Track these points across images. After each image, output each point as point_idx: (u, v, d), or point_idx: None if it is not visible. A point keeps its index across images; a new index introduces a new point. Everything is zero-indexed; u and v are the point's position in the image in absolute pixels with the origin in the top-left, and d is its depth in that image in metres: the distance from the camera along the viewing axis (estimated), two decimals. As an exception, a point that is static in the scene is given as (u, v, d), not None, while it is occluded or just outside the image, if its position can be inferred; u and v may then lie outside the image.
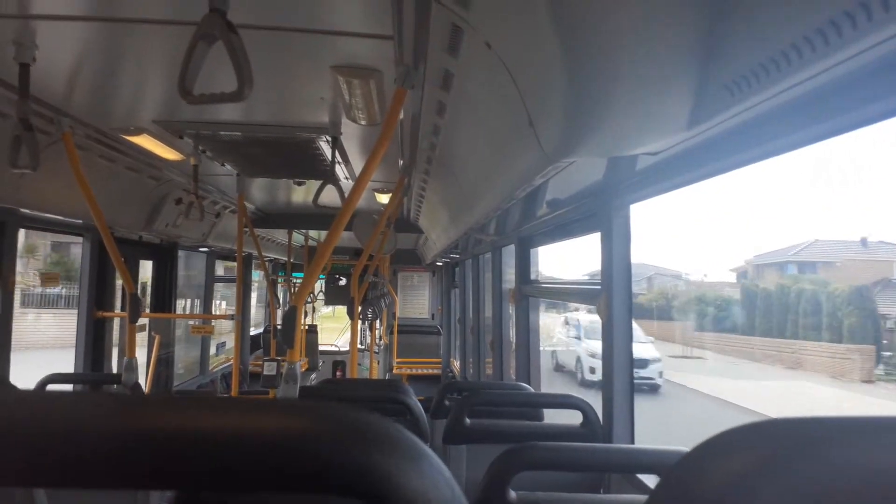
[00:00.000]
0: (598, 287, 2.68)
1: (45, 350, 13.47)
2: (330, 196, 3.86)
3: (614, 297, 2.56)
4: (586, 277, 3.76)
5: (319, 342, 11.02)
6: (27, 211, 4.10)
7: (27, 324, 16.92)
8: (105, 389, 5.04)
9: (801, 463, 0.46)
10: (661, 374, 11.04)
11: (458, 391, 3.72)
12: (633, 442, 2.56)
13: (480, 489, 1.55)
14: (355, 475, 0.46)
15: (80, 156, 3.45)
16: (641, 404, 2.66)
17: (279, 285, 10.95)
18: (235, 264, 7.10)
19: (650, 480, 2.28)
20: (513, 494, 1.54)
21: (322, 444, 0.46)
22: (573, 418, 2.63)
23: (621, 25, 1.35)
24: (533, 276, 4.38)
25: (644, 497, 1.92)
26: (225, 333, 9.78)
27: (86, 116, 3.45)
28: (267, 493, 0.47)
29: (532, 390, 3.60)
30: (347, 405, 0.51)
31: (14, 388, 3.01)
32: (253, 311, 11.26)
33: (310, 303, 11.09)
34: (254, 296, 11.43)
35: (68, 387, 5.09)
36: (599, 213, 2.66)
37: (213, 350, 8.91)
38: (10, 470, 0.46)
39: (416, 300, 12.08)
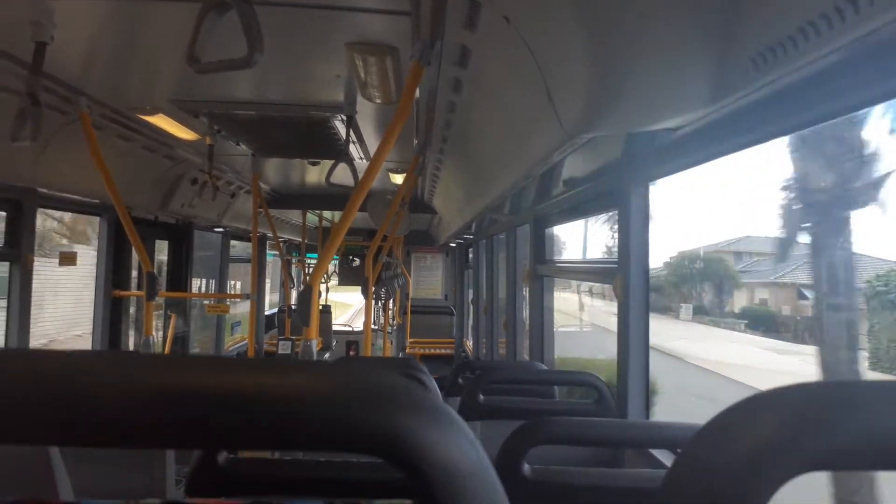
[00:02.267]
0: (615, 266, 2.68)
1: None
2: (344, 176, 3.86)
3: (631, 275, 2.55)
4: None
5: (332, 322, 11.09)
6: (44, 190, 4.13)
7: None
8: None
9: (828, 426, 0.46)
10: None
11: (471, 370, 3.73)
12: (647, 417, 2.56)
13: (495, 464, 1.55)
14: (385, 438, 0.46)
15: (97, 135, 3.47)
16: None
17: (293, 265, 11.00)
18: (250, 244, 7.13)
19: (665, 456, 2.29)
20: (527, 469, 1.55)
21: (343, 402, 0.47)
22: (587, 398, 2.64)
23: None
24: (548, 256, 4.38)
25: (660, 472, 1.93)
26: (239, 314, 9.85)
27: (103, 96, 3.47)
28: (301, 450, 0.47)
29: (546, 368, 3.61)
30: (383, 370, 0.51)
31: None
32: (268, 292, 11.33)
33: (323, 283, 11.15)
34: (268, 280, 11.51)
35: None
36: (617, 190, 2.64)
37: (228, 330, 8.98)
38: (30, 428, 0.47)
39: (430, 281, 12.10)
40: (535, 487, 1.58)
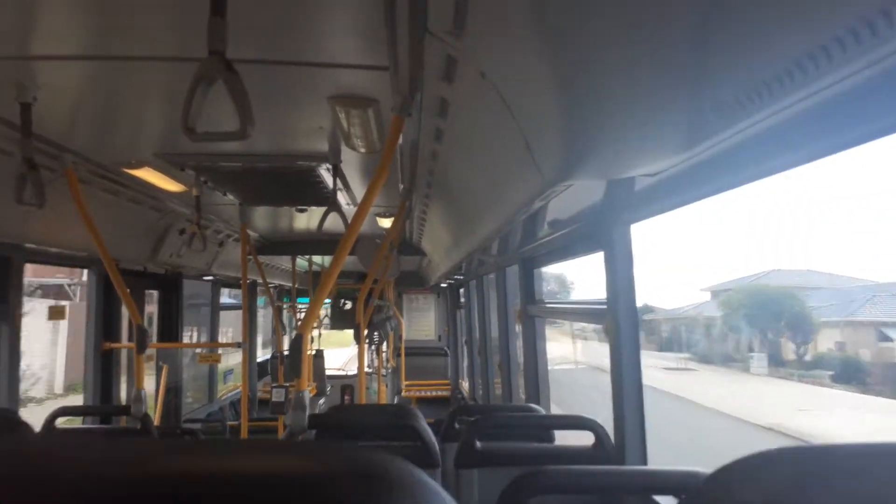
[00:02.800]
0: (604, 307, 2.68)
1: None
2: (332, 222, 3.88)
3: (620, 315, 2.55)
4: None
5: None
6: (32, 245, 4.13)
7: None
8: (114, 421, 5.04)
9: (819, 492, 0.46)
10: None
11: (468, 414, 3.70)
12: (646, 462, 2.53)
13: None
14: None
15: (83, 190, 3.48)
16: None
17: (284, 311, 10.95)
18: (240, 292, 7.12)
19: (665, 501, 2.26)
20: None
21: (338, 485, 0.47)
22: (586, 440, 2.61)
23: (613, 51, 1.36)
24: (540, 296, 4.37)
25: None
26: (232, 363, 9.77)
27: (88, 152, 3.49)
28: None
29: (543, 411, 3.58)
30: (361, 445, 0.51)
31: (27, 426, 3.00)
32: (260, 338, 11.26)
33: (315, 328, 11.09)
34: (260, 321, 11.44)
35: (78, 420, 5.09)
36: (600, 233, 2.66)
37: (221, 379, 8.89)
38: None
39: (422, 322, 12.05)
40: None
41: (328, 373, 11.09)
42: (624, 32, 1.30)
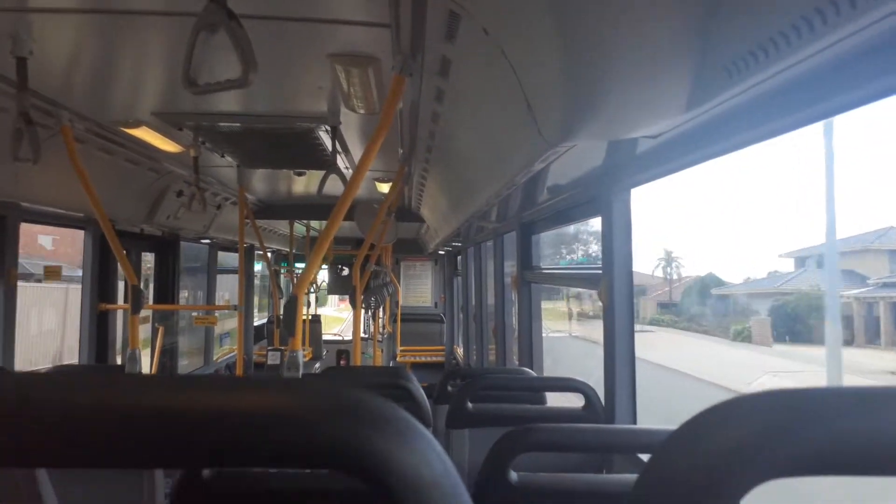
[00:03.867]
0: (600, 272, 2.69)
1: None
2: (331, 186, 3.86)
3: (615, 281, 2.57)
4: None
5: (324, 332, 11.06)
6: (28, 205, 4.11)
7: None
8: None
9: (794, 434, 0.46)
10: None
11: (461, 377, 3.73)
12: (635, 423, 2.57)
13: (481, 472, 1.56)
14: (346, 452, 0.47)
15: (79, 149, 3.45)
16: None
17: (282, 276, 10.97)
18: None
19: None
20: (514, 476, 1.56)
21: (312, 420, 0.47)
22: (577, 403, 2.64)
23: (618, 7, 1.35)
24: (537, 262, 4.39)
25: None
26: (229, 327, 9.81)
27: (84, 109, 3.45)
28: (262, 467, 0.47)
29: (534, 374, 3.61)
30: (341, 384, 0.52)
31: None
32: (257, 301, 11.30)
33: (313, 293, 11.11)
34: (260, 284, 11.47)
35: None
36: (600, 197, 2.66)
37: (217, 342, 8.94)
38: (10, 451, 0.47)
39: (419, 289, 12.10)
40: (522, 494, 1.58)
41: (325, 338, 11.19)
42: None
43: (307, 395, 0.49)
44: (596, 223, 2.75)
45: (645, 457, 2.29)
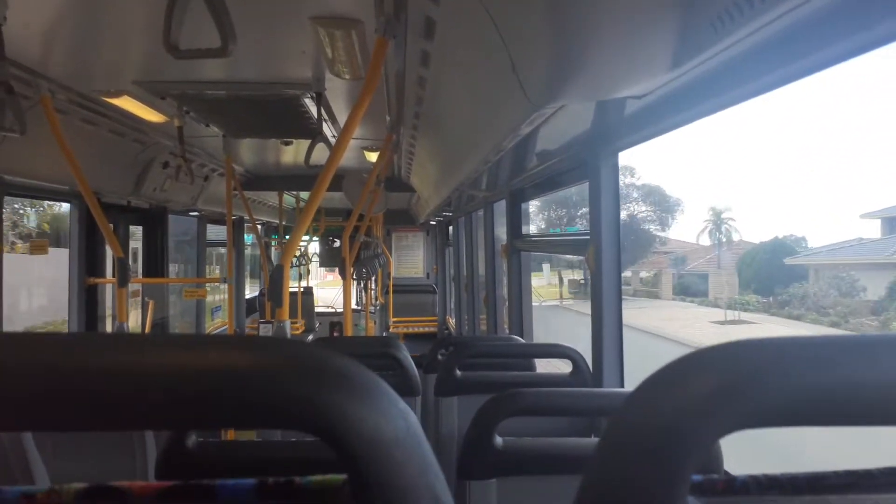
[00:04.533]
0: (587, 238, 2.68)
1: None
2: (319, 156, 3.81)
3: (603, 246, 2.56)
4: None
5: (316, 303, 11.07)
6: (11, 178, 4.05)
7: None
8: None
9: (757, 384, 0.45)
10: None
11: (451, 345, 3.74)
12: (622, 387, 2.58)
13: (466, 437, 1.56)
14: (304, 409, 0.46)
15: (61, 120, 3.39)
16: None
17: (273, 248, 10.94)
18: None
19: None
20: (499, 440, 1.56)
21: (269, 377, 0.46)
22: (566, 370, 2.65)
23: None
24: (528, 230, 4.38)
25: None
26: (219, 300, 9.80)
27: (64, 79, 3.38)
28: (220, 427, 0.46)
29: (523, 342, 3.62)
30: (306, 342, 0.50)
31: None
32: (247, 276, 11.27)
33: (304, 265, 11.09)
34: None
35: None
36: (587, 162, 2.64)
37: (209, 315, 8.93)
38: None
39: (411, 260, 12.09)
40: (507, 458, 1.59)
41: (318, 310, 11.20)
42: None
43: (265, 352, 0.47)
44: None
45: None
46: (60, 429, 0.48)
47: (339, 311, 11.62)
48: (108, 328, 5.86)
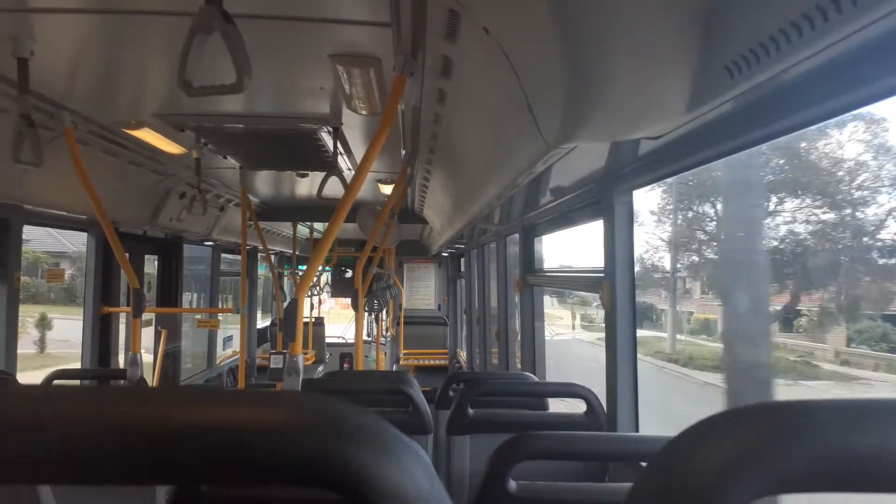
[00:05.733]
0: (602, 275, 2.67)
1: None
2: (334, 188, 3.85)
3: (618, 284, 2.55)
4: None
5: (327, 334, 11.04)
6: (31, 207, 4.11)
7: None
8: (111, 384, 5.07)
9: (786, 449, 0.45)
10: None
11: (463, 381, 3.71)
12: (637, 430, 2.54)
13: (481, 480, 1.54)
14: (326, 467, 0.45)
15: (82, 150, 3.45)
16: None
17: (285, 278, 10.97)
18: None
19: None
20: (513, 485, 1.54)
21: (291, 435, 0.46)
22: (580, 408, 2.62)
23: (619, 8, 1.33)
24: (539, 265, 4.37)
25: None
26: (232, 330, 9.81)
27: (86, 111, 3.45)
28: (241, 483, 0.46)
29: (536, 379, 3.59)
30: (331, 397, 0.50)
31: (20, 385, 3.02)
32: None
33: (316, 295, 11.10)
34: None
35: (75, 382, 5.12)
36: (602, 199, 2.64)
37: (220, 345, 8.93)
38: (10, 466, 0.46)
39: (423, 291, 12.08)
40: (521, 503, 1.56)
41: (328, 341, 11.18)
42: None
43: (287, 408, 0.47)
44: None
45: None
46: (76, 483, 0.48)
47: (349, 341, 11.59)
48: (122, 358, 5.88)
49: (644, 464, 2.26)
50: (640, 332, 2.58)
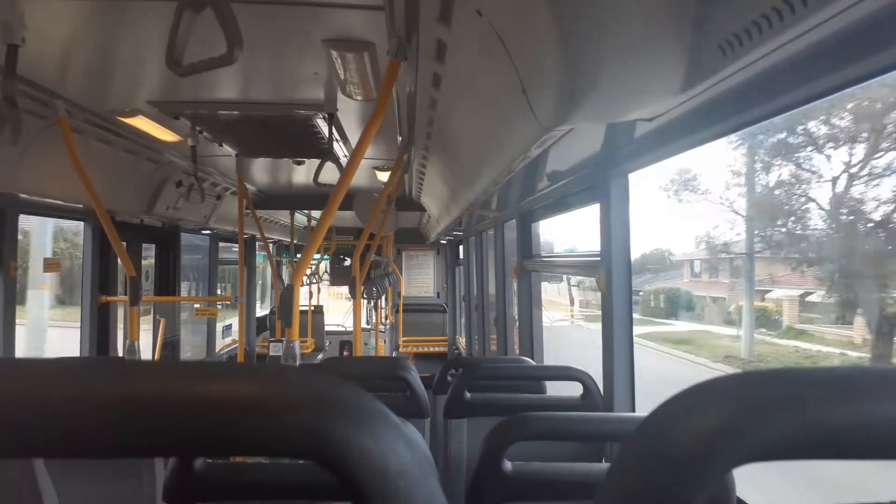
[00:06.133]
0: (598, 259, 2.67)
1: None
2: (331, 176, 3.84)
3: (614, 268, 2.55)
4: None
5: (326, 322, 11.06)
6: (26, 196, 4.10)
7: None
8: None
9: (768, 417, 0.45)
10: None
11: (460, 366, 3.72)
12: (633, 411, 2.55)
13: (476, 461, 1.55)
14: (309, 440, 0.46)
15: (76, 139, 3.43)
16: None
17: (284, 266, 10.97)
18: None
19: None
20: (508, 465, 1.54)
21: (275, 408, 0.46)
22: (577, 391, 2.63)
23: None
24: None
25: None
26: (231, 319, 9.82)
27: (80, 98, 3.43)
28: (227, 455, 0.46)
29: (534, 363, 3.60)
30: (313, 370, 0.50)
31: None
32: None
33: (314, 283, 11.11)
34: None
35: None
36: (598, 183, 2.64)
37: (219, 333, 8.95)
38: (7, 440, 0.46)
39: (421, 279, 12.08)
40: (516, 483, 1.57)
41: (327, 328, 11.20)
42: None
43: (272, 382, 0.47)
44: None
45: None
46: (72, 456, 0.48)
47: (348, 329, 11.62)
48: (120, 346, 5.88)
49: None
50: (686, 327, 2.57)
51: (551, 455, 2.29)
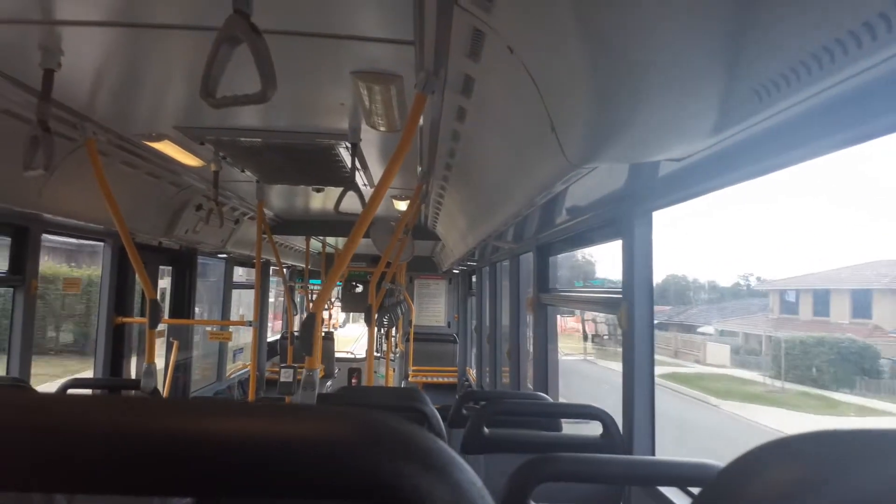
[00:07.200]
0: (619, 296, 2.65)
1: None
2: (348, 203, 3.87)
3: (636, 305, 2.53)
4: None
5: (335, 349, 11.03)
6: (50, 216, 4.15)
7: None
8: (123, 394, 5.07)
9: (842, 480, 0.44)
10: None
11: (476, 400, 3.69)
12: (653, 453, 2.52)
13: (500, 500, 1.52)
14: (380, 483, 0.44)
15: (102, 161, 3.48)
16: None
17: (296, 292, 10.98)
18: (254, 271, 7.16)
19: (671, 493, 2.24)
20: None
21: (347, 450, 0.44)
22: (592, 430, 2.59)
23: (647, 30, 1.33)
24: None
25: None
26: (242, 342, 9.81)
27: (108, 122, 3.49)
28: (295, 498, 0.45)
29: (551, 400, 3.56)
30: (380, 411, 0.49)
31: (35, 392, 3.02)
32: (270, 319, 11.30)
33: (326, 309, 11.11)
34: (271, 301, 11.47)
35: (88, 391, 5.13)
36: (621, 220, 2.63)
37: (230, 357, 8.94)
38: (27, 474, 0.45)
39: (432, 308, 12.06)
40: None
41: (337, 356, 11.16)
42: (660, 8, 1.27)
43: (339, 422, 0.46)
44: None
45: (665, 489, 2.24)
46: (96, 493, 0.47)
47: (357, 356, 11.56)
48: (133, 367, 5.89)
49: (663, 489, 2.23)
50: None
51: (568, 495, 2.25)
